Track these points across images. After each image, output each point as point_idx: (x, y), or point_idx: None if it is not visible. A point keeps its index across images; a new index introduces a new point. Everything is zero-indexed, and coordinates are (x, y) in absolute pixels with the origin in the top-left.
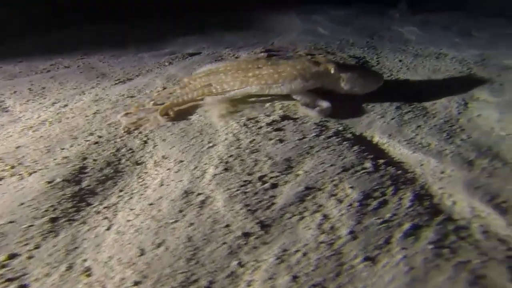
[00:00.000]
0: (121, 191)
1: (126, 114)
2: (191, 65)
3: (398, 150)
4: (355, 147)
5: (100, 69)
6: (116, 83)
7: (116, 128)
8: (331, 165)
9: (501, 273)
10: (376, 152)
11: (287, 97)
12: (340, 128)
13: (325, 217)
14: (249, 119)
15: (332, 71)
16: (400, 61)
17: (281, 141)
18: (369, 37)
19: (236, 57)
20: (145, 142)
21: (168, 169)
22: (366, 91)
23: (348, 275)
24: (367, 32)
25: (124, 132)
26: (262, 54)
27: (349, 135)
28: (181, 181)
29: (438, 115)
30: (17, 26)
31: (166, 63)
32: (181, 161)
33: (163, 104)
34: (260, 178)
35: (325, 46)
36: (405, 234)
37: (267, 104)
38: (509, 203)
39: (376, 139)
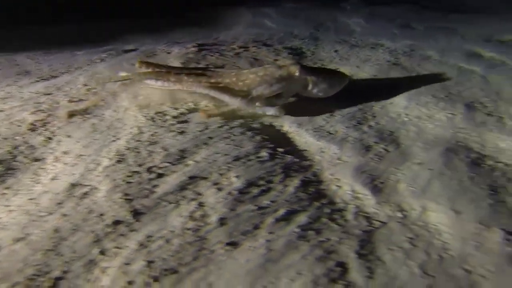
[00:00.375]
0: (6, 188)
1: (34, 111)
2: (121, 62)
3: (303, 138)
4: (258, 137)
5: (25, 66)
6: (37, 81)
7: (19, 126)
8: (224, 155)
9: (351, 247)
10: (280, 141)
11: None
12: (248, 118)
13: (200, 205)
14: (157, 112)
15: (297, 74)
16: (336, 51)
17: (181, 133)
18: (314, 29)
19: (168, 53)
20: (50, 138)
21: (66, 163)
22: (331, 93)
23: (205, 259)
24: (313, 23)
25: (28, 129)
26: (193, 49)
27: (256, 125)
28: (73, 174)
29: (355, 102)
30: None
31: (98, 60)
32: (81, 155)
33: (80, 100)
34: (149, 168)
35: (266, 39)
36: (276, 219)
37: (180, 97)
38: (386, 183)
39: (285, 128)
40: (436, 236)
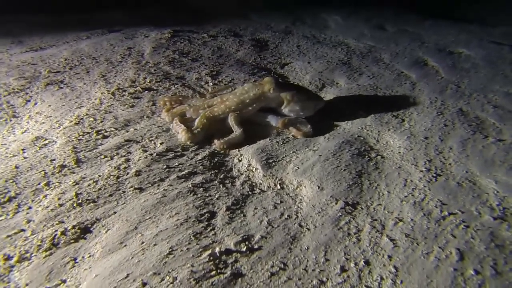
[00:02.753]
0: None
1: (18, 78)
2: (102, 41)
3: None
4: None
5: (20, 36)
6: (27, 51)
7: (5, 89)
8: (158, 127)
9: (225, 203)
10: None
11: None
12: None
13: (127, 160)
14: (118, 89)
15: (271, 91)
16: (298, 46)
17: (132, 106)
18: (290, 23)
19: (146, 36)
20: (28, 100)
21: (36, 121)
22: (306, 114)
23: (117, 196)
24: (293, 17)
25: (8, 93)
26: (167, 34)
27: None
28: (39, 130)
29: None
30: None
31: (84, 37)
32: (49, 116)
33: (57, 72)
34: (98, 131)
35: (240, 29)
36: (178, 177)
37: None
38: (278, 162)
39: None
40: (297, 204)
